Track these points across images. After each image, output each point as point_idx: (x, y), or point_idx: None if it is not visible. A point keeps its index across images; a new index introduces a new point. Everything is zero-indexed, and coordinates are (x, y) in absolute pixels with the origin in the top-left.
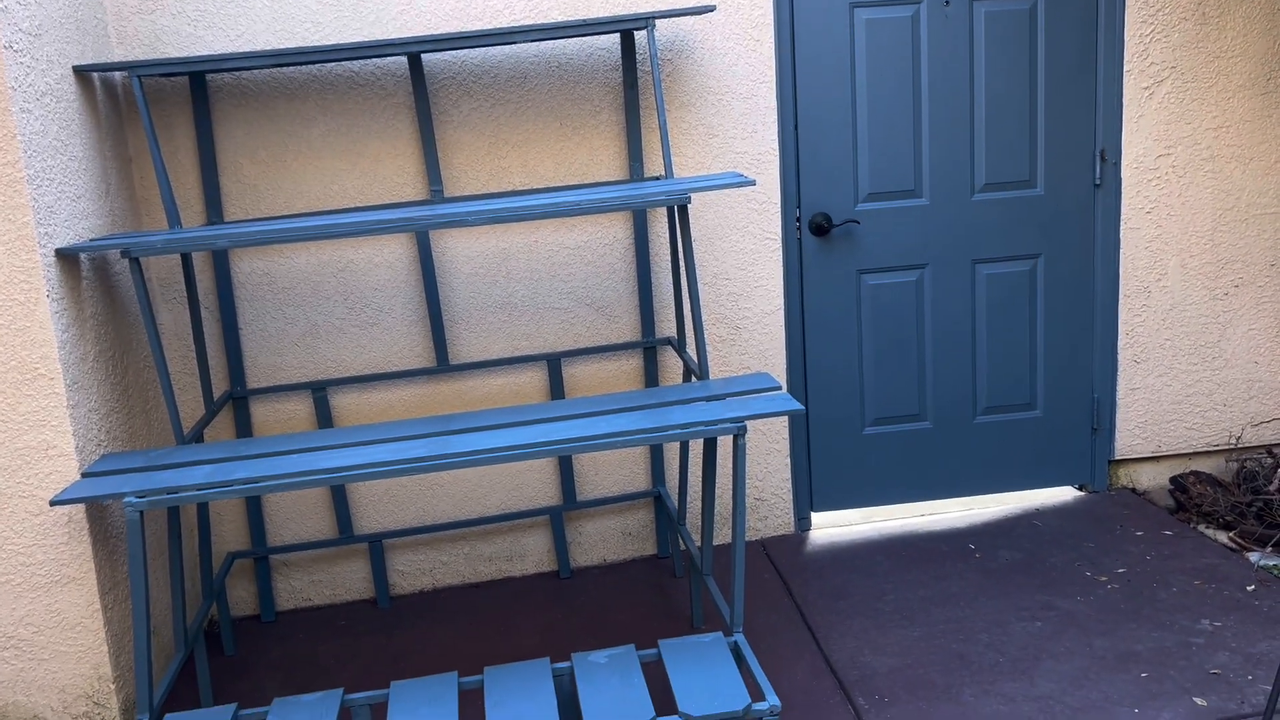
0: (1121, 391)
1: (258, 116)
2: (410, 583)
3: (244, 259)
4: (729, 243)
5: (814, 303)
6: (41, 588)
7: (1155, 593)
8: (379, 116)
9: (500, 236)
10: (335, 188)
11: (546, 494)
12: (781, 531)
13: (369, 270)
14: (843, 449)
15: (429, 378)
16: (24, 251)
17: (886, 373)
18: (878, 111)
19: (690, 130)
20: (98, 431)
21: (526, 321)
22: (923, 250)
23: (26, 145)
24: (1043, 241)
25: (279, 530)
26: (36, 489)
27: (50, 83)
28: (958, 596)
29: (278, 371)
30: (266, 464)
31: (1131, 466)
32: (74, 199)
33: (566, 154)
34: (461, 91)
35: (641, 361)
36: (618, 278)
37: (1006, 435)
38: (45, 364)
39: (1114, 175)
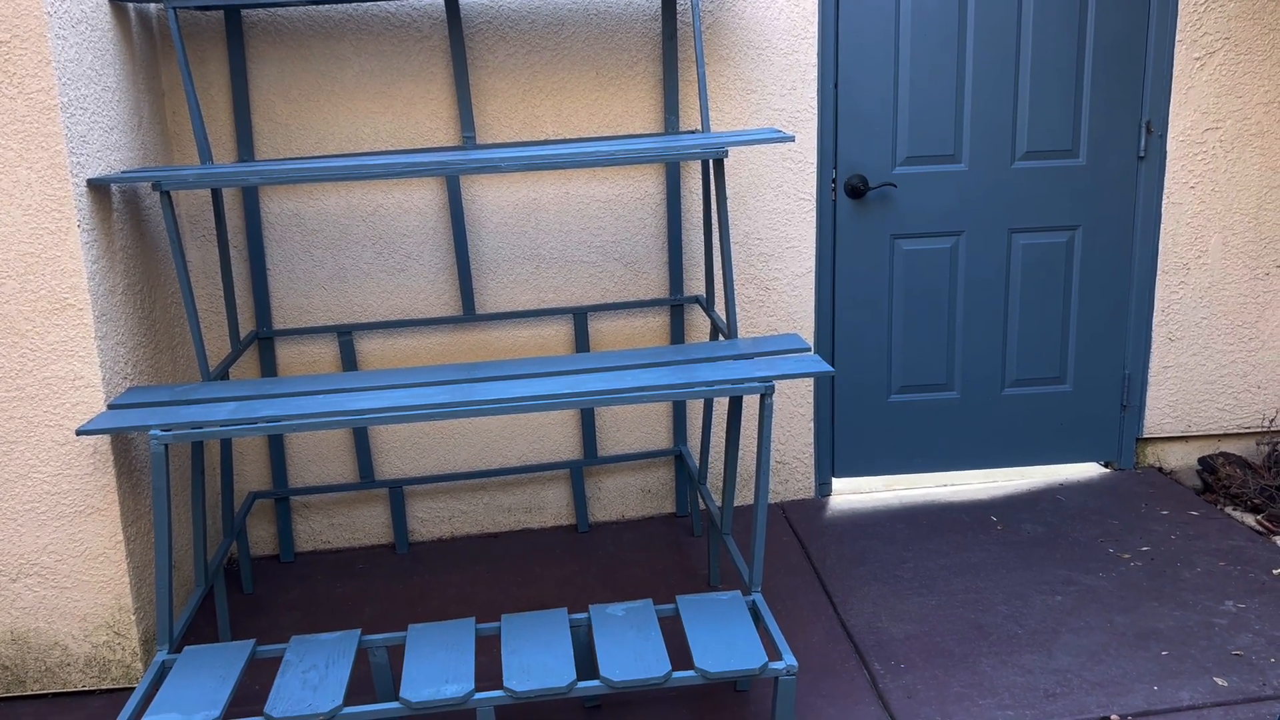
0: (1154, 369)
1: (292, 55)
2: (429, 530)
3: (274, 199)
4: (762, 202)
5: (846, 266)
6: (66, 517)
7: (1179, 572)
8: (413, 59)
9: (531, 186)
10: (367, 130)
11: (567, 448)
12: (802, 495)
13: (398, 215)
14: (867, 415)
15: (454, 326)
16: (56, 180)
17: (916, 340)
18: (920, 73)
19: (728, 85)
20: (124, 365)
21: (554, 274)
22: (959, 217)
23: (61, 72)
24: (1082, 213)
25: (300, 472)
26: (63, 419)
27: (86, 10)
28: (978, 567)
29: (304, 313)
30: (291, 403)
31: (1160, 445)
32: (106, 130)
33: (601, 105)
34: (497, 37)
35: (668, 319)
36: (648, 233)
37: (1034, 409)
38: (74, 294)
39: (1159, 147)
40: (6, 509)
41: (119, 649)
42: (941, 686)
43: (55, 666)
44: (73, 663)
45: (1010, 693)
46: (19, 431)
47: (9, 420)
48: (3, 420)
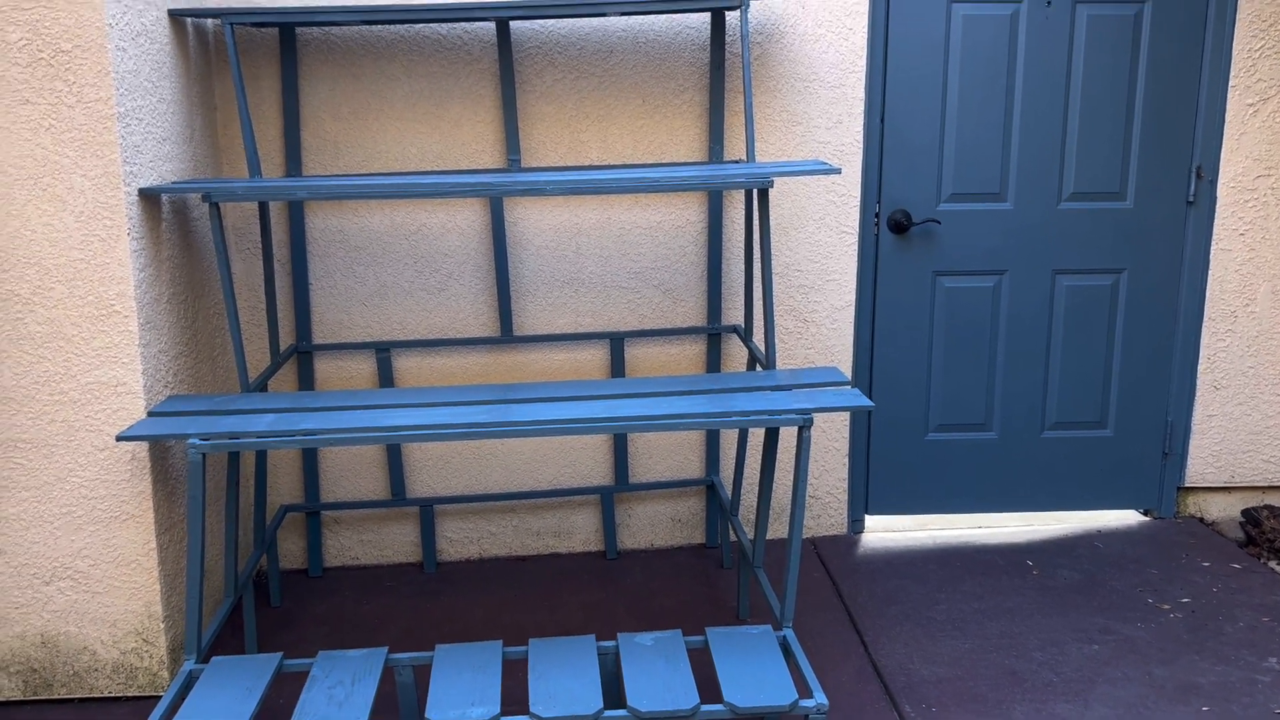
0: (1197, 417)
1: (343, 74)
2: (457, 550)
3: (319, 215)
4: (804, 234)
5: (886, 301)
6: (101, 522)
7: (1220, 626)
8: (462, 81)
9: (573, 211)
10: (414, 150)
11: (598, 473)
12: (834, 531)
13: (441, 235)
14: (903, 452)
15: (492, 347)
16: (109, 188)
17: (955, 378)
18: (968, 111)
19: (773, 116)
20: (166, 373)
21: (593, 298)
22: (1003, 256)
23: (119, 83)
24: (1128, 256)
25: (332, 487)
26: (104, 424)
27: (146, 24)
28: (1013, 612)
29: (344, 329)
30: (329, 418)
31: (1201, 495)
32: (159, 140)
33: (646, 132)
34: (546, 62)
35: (705, 347)
36: (688, 261)
37: (1074, 453)
38: (121, 301)
39: (1209, 193)
40: (44, 512)
41: (147, 656)
42: None
43: (83, 671)
44: (100, 668)
45: None
46: (60, 435)
47: (50, 424)
48: (45, 424)
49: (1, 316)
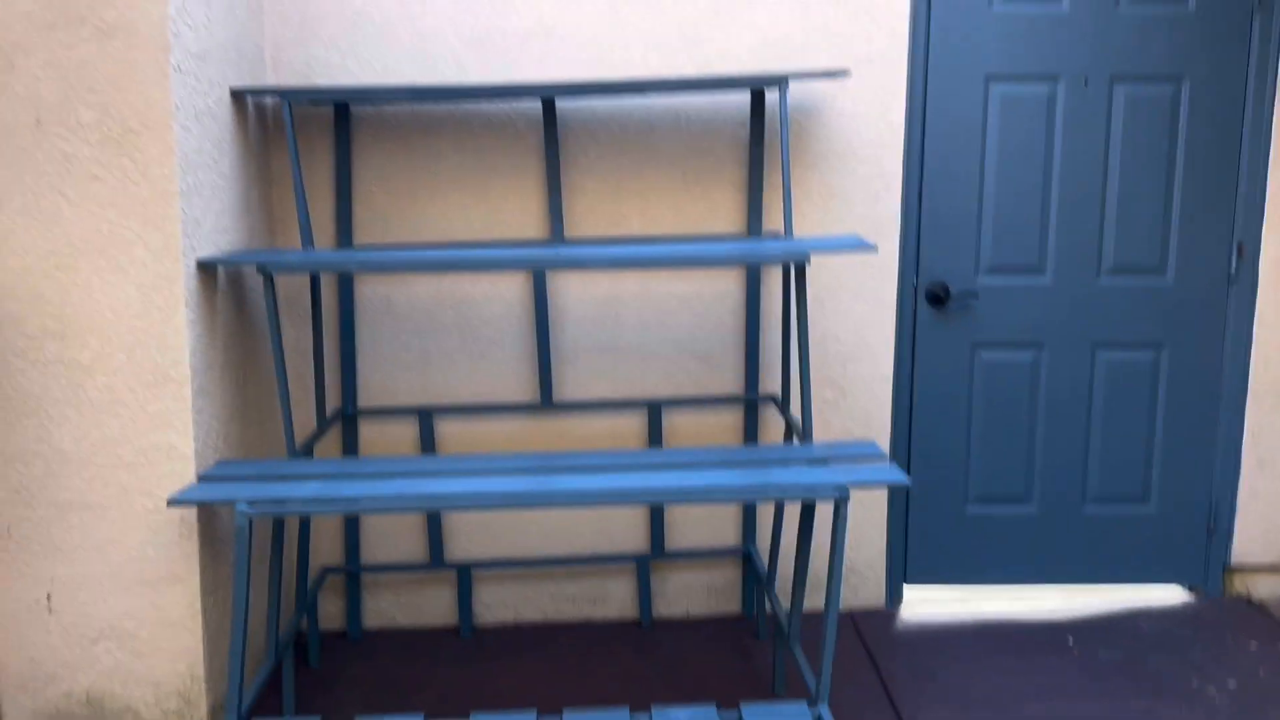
0: (1242, 495)
1: (394, 148)
2: (493, 614)
3: (367, 284)
4: (841, 304)
5: (925, 372)
6: (149, 584)
7: (1268, 711)
8: (509, 156)
9: (613, 281)
10: (460, 221)
11: (634, 540)
12: (872, 604)
13: (485, 303)
14: (942, 524)
15: (532, 413)
16: (169, 260)
17: (994, 451)
18: (1005, 186)
19: (811, 190)
20: (216, 438)
21: (631, 366)
22: (1042, 329)
23: (183, 161)
24: (1169, 331)
25: (372, 549)
26: (156, 487)
27: (209, 104)
28: (1053, 691)
29: (388, 394)
30: (372, 485)
31: (1248, 574)
32: (218, 214)
33: (686, 205)
34: (589, 138)
35: (742, 416)
36: (725, 330)
37: (1115, 527)
38: (176, 368)
39: (1250, 270)
40: (94, 573)
41: (188, 717)
42: None
43: None
44: None
45: None
46: (114, 498)
47: (105, 487)
48: (100, 487)
49: (64, 382)
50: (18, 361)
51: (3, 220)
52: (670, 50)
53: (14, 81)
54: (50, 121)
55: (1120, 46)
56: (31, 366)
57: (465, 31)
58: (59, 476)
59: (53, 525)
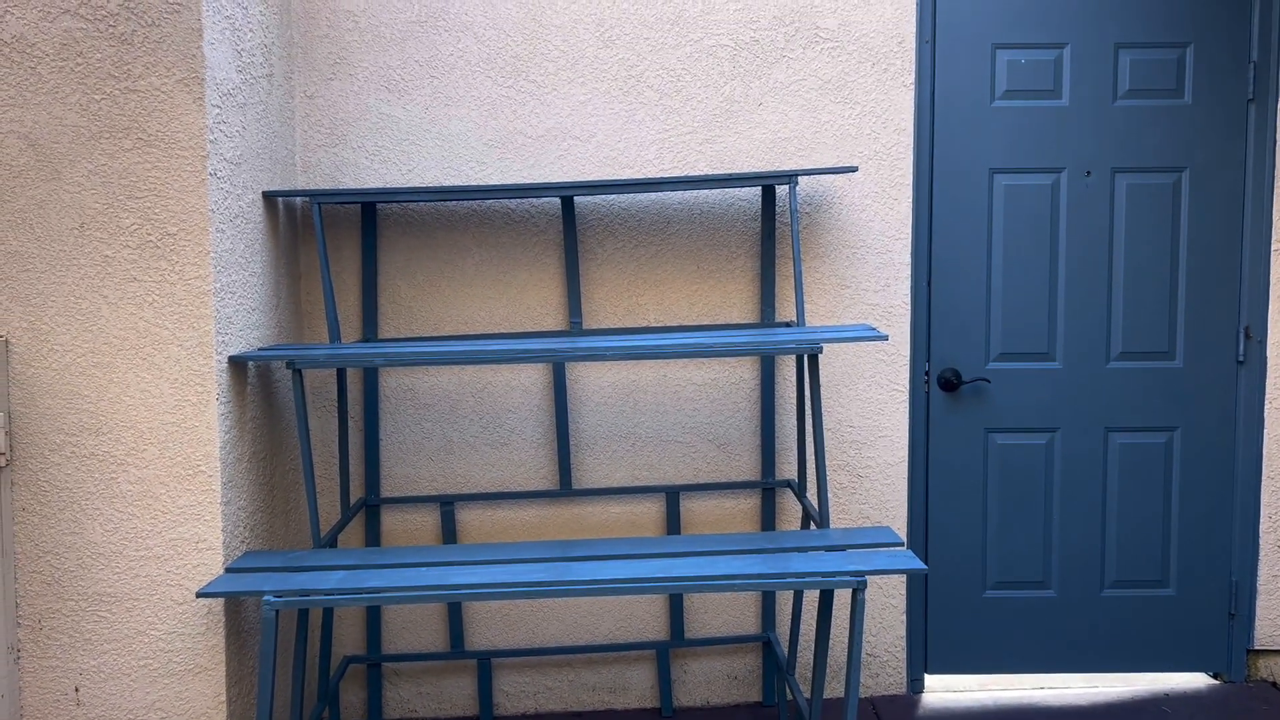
0: (1263, 577)
1: (418, 244)
2: (514, 704)
3: (391, 374)
4: (855, 391)
5: (939, 458)
6: (175, 674)
7: None
8: (529, 250)
9: (631, 369)
10: (483, 313)
11: (654, 628)
12: (893, 691)
13: (505, 392)
14: (962, 610)
15: (551, 500)
16: (202, 357)
17: (1011, 535)
18: (1013, 273)
19: (823, 280)
20: (243, 529)
21: (649, 452)
22: (1054, 414)
23: (217, 261)
24: (1180, 414)
25: (394, 638)
26: (183, 579)
27: (243, 206)
28: None
29: (410, 483)
30: (395, 575)
31: (1272, 658)
32: (249, 310)
33: (701, 295)
34: (606, 232)
35: (759, 501)
36: (741, 416)
37: (1136, 612)
38: (207, 462)
39: (1259, 353)
40: (122, 665)
41: None
42: None
43: None
44: None
45: None
46: (143, 590)
47: (135, 579)
48: (129, 578)
49: (97, 476)
50: (54, 457)
51: (44, 321)
52: (684, 149)
53: (60, 190)
54: (93, 227)
55: (1120, 138)
56: (67, 461)
57: (488, 134)
58: (90, 569)
59: (83, 617)
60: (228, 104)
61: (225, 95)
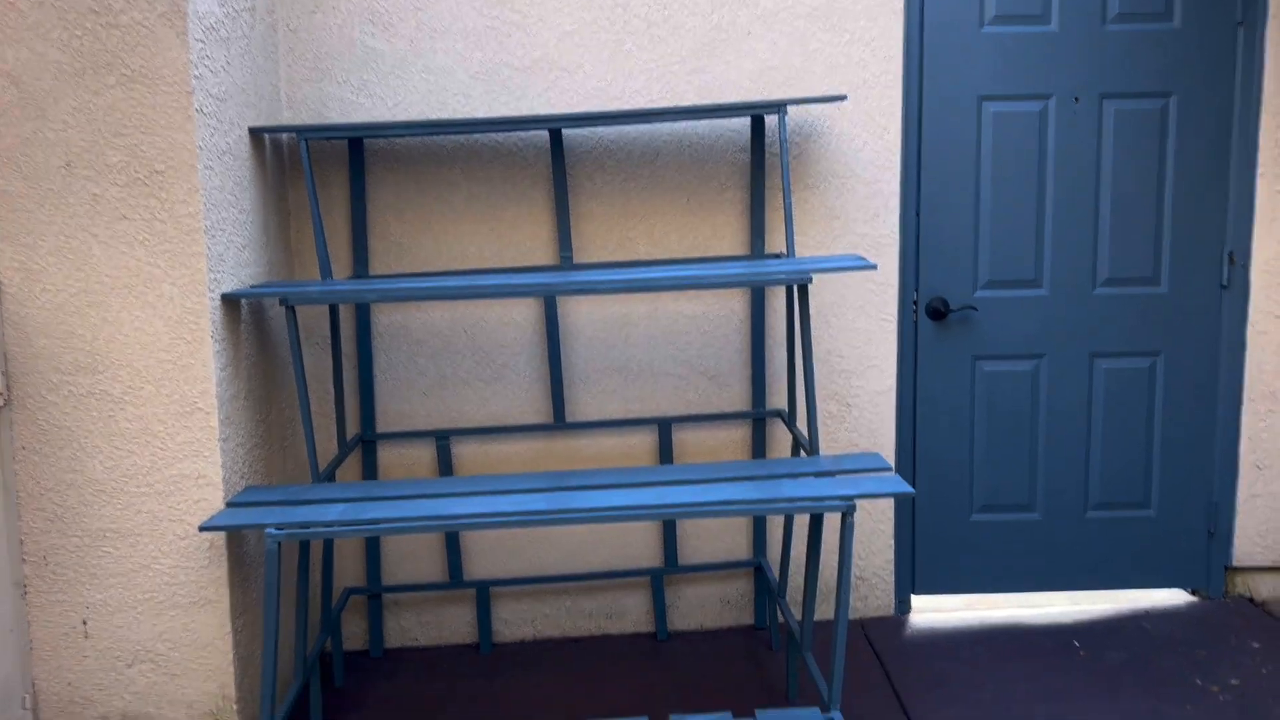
0: (1241, 497)
1: (407, 180)
2: (512, 631)
3: (384, 312)
4: (844, 321)
5: (927, 385)
6: (180, 607)
7: (1270, 708)
8: (518, 185)
9: (622, 303)
10: (473, 249)
11: (649, 555)
12: (881, 612)
13: (498, 328)
14: (948, 533)
15: (546, 433)
16: (195, 295)
17: (997, 460)
18: (1001, 201)
19: (813, 211)
20: (242, 465)
21: (641, 385)
22: (1040, 340)
23: (207, 199)
24: (1164, 339)
25: (393, 570)
26: (185, 514)
27: (230, 142)
28: (1060, 694)
29: (405, 418)
30: (395, 507)
31: (1250, 575)
32: (240, 248)
33: (691, 228)
34: (596, 165)
35: (750, 431)
36: (732, 348)
37: (1118, 533)
38: (203, 399)
39: (1242, 278)
40: (128, 598)
41: None
42: None
43: None
44: None
45: None
46: (145, 525)
47: (137, 514)
48: (132, 514)
49: (95, 415)
50: (52, 396)
51: (36, 260)
52: (672, 79)
53: (45, 128)
54: (79, 165)
55: (1109, 64)
56: (65, 400)
57: (473, 67)
58: (92, 505)
59: (87, 552)
60: (211, 38)
61: (208, 30)
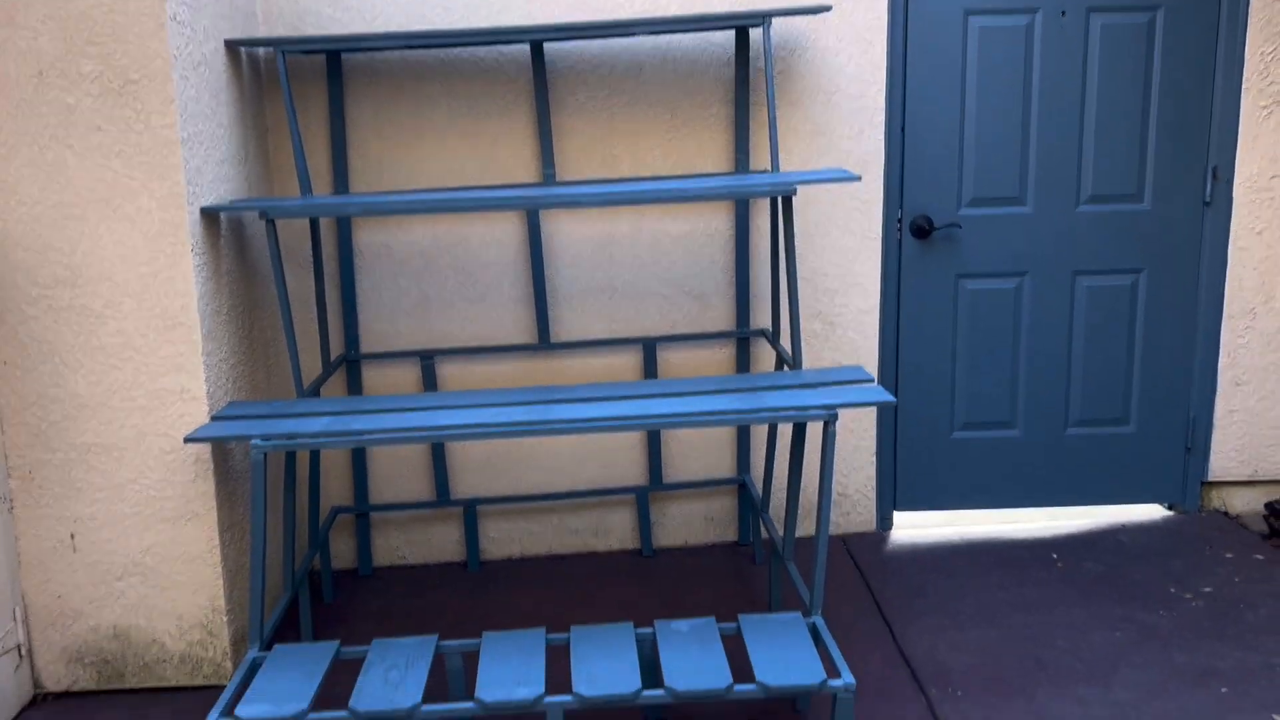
0: (1219, 413)
1: (386, 96)
2: (499, 549)
3: (365, 230)
4: (829, 239)
5: (910, 304)
6: (168, 521)
7: (1242, 614)
8: (499, 101)
9: (606, 222)
10: (454, 167)
11: (634, 474)
12: (863, 529)
13: (481, 248)
14: (930, 451)
15: (530, 354)
16: (174, 208)
17: (979, 378)
18: (986, 118)
19: (797, 128)
20: (225, 380)
21: (625, 305)
22: (1023, 258)
23: (183, 109)
24: (1146, 257)
25: (380, 489)
26: (170, 428)
27: (205, 54)
28: (1038, 603)
29: (389, 338)
30: (380, 419)
31: (1225, 489)
32: (218, 163)
33: (675, 145)
34: (578, 80)
35: (734, 351)
36: (716, 268)
37: (1097, 449)
38: (185, 313)
39: (1225, 194)
40: (115, 512)
41: (211, 648)
42: (998, 715)
43: (152, 662)
44: (168, 659)
45: None
46: (130, 440)
47: (121, 429)
48: (116, 429)
49: (76, 329)
50: (31, 309)
51: (10, 172)
52: None
53: (15, 36)
54: (51, 74)
55: None
56: (45, 314)
57: None
58: (76, 420)
59: (73, 467)
60: None
61: None
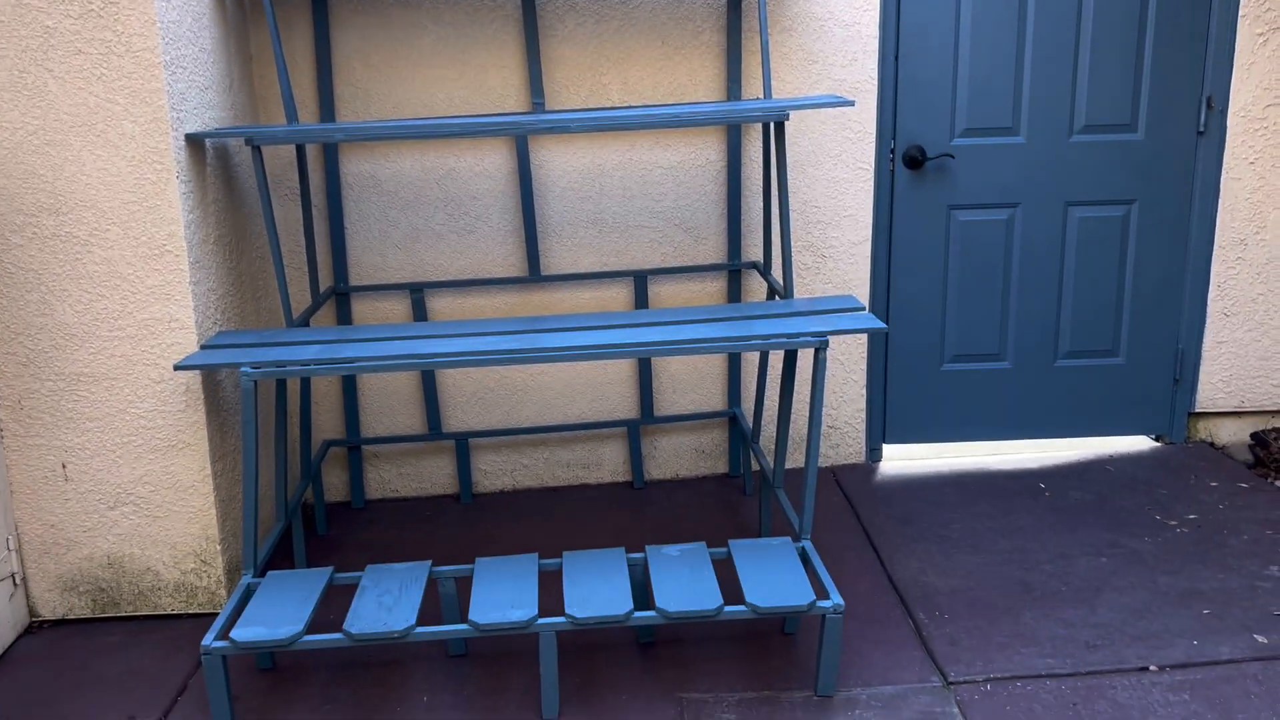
0: (1208, 344)
1: (372, 22)
2: (492, 482)
3: (353, 161)
4: (821, 170)
5: (902, 235)
6: (159, 450)
7: (1225, 539)
8: (487, 28)
9: (596, 152)
10: (442, 95)
11: (625, 407)
12: (853, 460)
13: (470, 179)
14: (920, 383)
15: (520, 287)
16: (157, 133)
17: (970, 310)
18: (980, 47)
19: (790, 55)
20: (214, 310)
21: (616, 238)
22: (1016, 189)
23: (164, 32)
24: (1139, 187)
25: (372, 423)
26: (159, 358)
27: None
28: (1024, 530)
29: (379, 271)
30: (371, 347)
31: (1212, 420)
32: (202, 89)
33: (666, 73)
34: (567, 6)
35: (726, 283)
36: (708, 200)
37: (1086, 380)
38: (172, 241)
39: (1219, 123)
40: (106, 441)
41: (205, 576)
42: (984, 636)
43: (147, 590)
44: (163, 587)
45: (1052, 643)
46: (119, 369)
47: (110, 358)
48: (105, 358)
49: (61, 257)
50: (15, 238)
51: None
52: None
53: None
54: None
55: None
56: (29, 242)
57: None
58: (64, 349)
59: (62, 397)
60: None
61: None
